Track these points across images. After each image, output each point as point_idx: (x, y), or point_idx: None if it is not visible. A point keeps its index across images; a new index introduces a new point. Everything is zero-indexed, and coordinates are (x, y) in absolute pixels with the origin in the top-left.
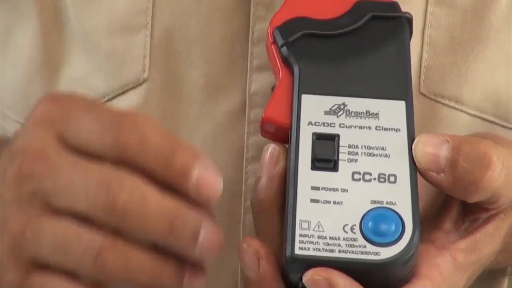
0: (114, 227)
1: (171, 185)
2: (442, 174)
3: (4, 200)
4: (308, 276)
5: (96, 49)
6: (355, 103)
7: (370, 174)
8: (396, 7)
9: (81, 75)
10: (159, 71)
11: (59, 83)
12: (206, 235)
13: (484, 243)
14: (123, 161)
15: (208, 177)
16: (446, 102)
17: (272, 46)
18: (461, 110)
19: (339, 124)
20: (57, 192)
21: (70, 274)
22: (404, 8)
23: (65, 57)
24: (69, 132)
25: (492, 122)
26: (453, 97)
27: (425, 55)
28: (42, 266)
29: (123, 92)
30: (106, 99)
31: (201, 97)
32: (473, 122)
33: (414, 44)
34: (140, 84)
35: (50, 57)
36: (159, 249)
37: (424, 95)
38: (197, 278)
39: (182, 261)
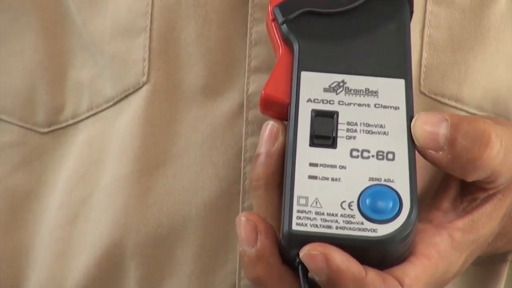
0: None
1: None
2: (440, 152)
3: None
4: (305, 251)
5: (101, 53)
6: (354, 81)
7: (369, 152)
8: None
9: (87, 79)
10: (158, 73)
11: (65, 87)
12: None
13: (482, 223)
14: None
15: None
16: (446, 101)
17: (272, 24)
18: (461, 109)
19: (338, 102)
20: None
21: None
22: None
23: (70, 61)
24: None
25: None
26: (453, 96)
27: (425, 54)
28: None
29: (126, 96)
30: (111, 103)
31: (200, 99)
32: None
33: (414, 44)
34: (141, 87)
35: (54, 61)
36: None
37: (425, 94)
38: None
39: None
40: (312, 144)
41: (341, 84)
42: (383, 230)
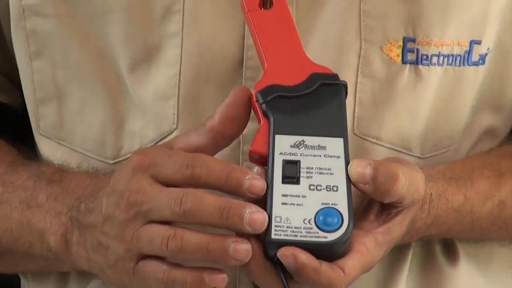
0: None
1: (230, 193)
2: (367, 185)
3: (118, 219)
4: (280, 252)
5: (145, 111)
6: (310, 140)
7: (321, 186)
8: (337, 77)
9: (138, 129)
10: (184, 123)
11: (123, 135)
12: (251, 214)
13: (395, 228)
14: (196, 185)
15: (255, 182)
16: (370, 139)
17: (256, 103)
18: (380, 145)
19: (300, 154)
20: (152, 211)
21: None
22: (342, 78)
23: (126, 117)
24: (157, 172)
25: (400, 152)
26: (375, 137)
27: (356, 110)
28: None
29: (163, 138)
30: (153, 143)
31: None
32: (388, 152)
33: (349, 103)
34: (172, 132)
35: (116, 118)
36: None
37: (357, 135)
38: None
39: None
40: (284, 181)
41: (302, 142)
42: (331, 236)
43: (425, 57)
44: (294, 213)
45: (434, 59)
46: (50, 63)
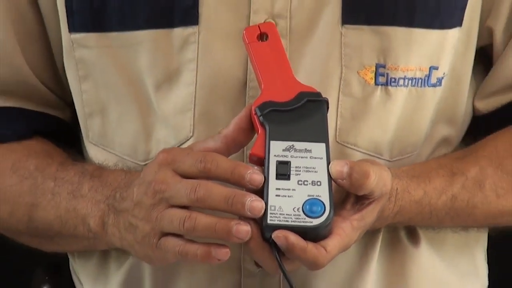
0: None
1: (235, 184)
2: (344, 181)
3: (146, 204)
4: (275, 235)
5: (168, 122)
6: (299, 145)
7: (307, 181)
8: (320, 95)
9: (162, 137)
10: (198, 131)
11: (151, 142)
12: (251, 202)
13: (367, 216)
14: (208, 177)
15: (255, 175)
16: (349, 146)
17: (255, 116)
18: (357, 150)
19: (290, 156)
20: (172, 197)
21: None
22: (325, 95)
23: (153, 128)
24: (177, 167)
25: (373, 156)
26: (353, 144)
27: (338, 122)
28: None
29: (181, 144)
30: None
31: None
32: (363, 156)
33: (332, 116)
34: (188, 140)
35: (145, 128)
36: None
37: (338, 142)
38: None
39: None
40: (277, 178)
41: (292, 146)
42: (316, 222)
43: (393, 79)
44: (286, 203)
45: (401, 82)
46: (94, 85)
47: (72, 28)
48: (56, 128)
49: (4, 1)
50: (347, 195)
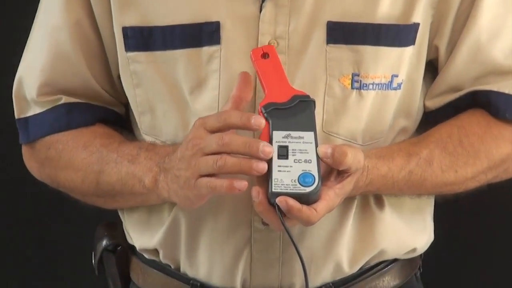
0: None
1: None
2: (328, 159)
3: (187, 155)
4: (278, 200)
5: (199, 117)
6: (294, 133)
7: (301, 160)
8: (309, 97)
9: None
10: None
11: (187, 131)
12: (263, 147)
13: (346, 185)
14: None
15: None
16: (333, 134)
17: (261, 113)
18: (338, 137)
19: (288, 142)
20: (206, 147)
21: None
22: (314, 97)
23: (189, 122)
24: (208, 126)
25: (350, 141)
26: (335, 133)
27: (324, 117)
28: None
29: None
30: None
31: None
32: (343, 141)
33: (319, 112)
34: None
35: (183, 122)
36: None
37: (324, 132)
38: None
39: None
40: (279, 158)
41: (289, 135)
42: (308, 189)
43: (365, 85)
44: (285, 176)
45: (370, 86)
46: (145, 90)
47: (128, 48)
48: (114, 119)
49: (74, 28)
50: (331, 170)
